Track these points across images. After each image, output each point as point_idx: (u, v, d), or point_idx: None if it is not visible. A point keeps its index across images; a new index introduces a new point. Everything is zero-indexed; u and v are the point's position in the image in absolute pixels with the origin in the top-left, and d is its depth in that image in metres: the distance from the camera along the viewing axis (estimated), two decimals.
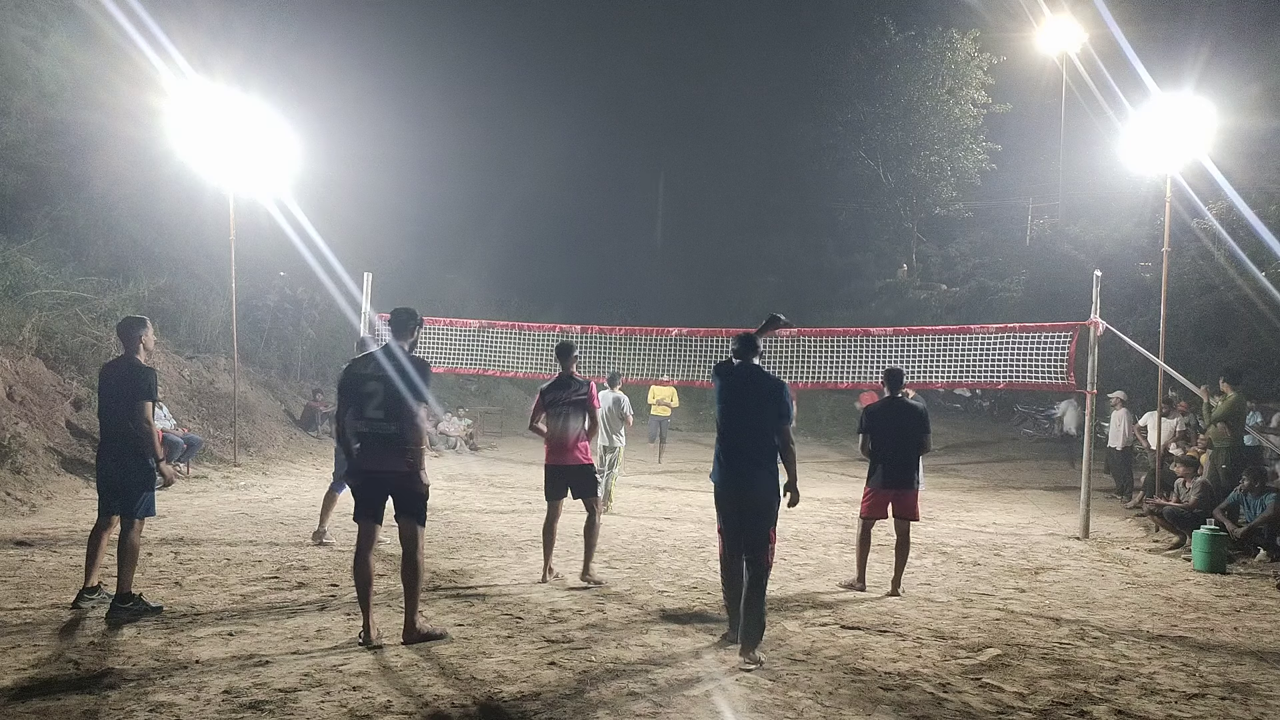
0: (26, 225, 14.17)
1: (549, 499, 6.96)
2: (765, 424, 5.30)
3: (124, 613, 5.40)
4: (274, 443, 14.59)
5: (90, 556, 5.73)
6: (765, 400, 5.34)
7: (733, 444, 5.37)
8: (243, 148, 12.89)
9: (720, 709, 4.27)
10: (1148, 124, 10.88)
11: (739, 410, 5.40)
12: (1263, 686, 4.90)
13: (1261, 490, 8.83)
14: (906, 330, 11.46)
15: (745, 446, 5.33)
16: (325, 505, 8.20)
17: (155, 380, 5.78)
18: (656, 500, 12.00)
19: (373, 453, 5.10)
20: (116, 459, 5.64)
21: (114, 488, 5.67)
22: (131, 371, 5.69)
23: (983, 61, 31.97)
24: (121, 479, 5.62)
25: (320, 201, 18.29)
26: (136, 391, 5.62)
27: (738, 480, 5.31)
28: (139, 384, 5.64)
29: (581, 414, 6.90)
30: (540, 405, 7.01)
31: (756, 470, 5.25)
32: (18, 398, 10.94)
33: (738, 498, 5.31)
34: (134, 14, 13.60)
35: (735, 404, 5.42)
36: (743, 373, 5.50)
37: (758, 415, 5.34)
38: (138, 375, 5.67)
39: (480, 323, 12.62)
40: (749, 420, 5.36)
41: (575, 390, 6.90)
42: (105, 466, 5.70)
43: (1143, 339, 12.24)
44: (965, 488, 14.34)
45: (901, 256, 36.11)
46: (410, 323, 5.39)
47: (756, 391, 5.39)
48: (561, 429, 6.87)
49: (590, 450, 7.06)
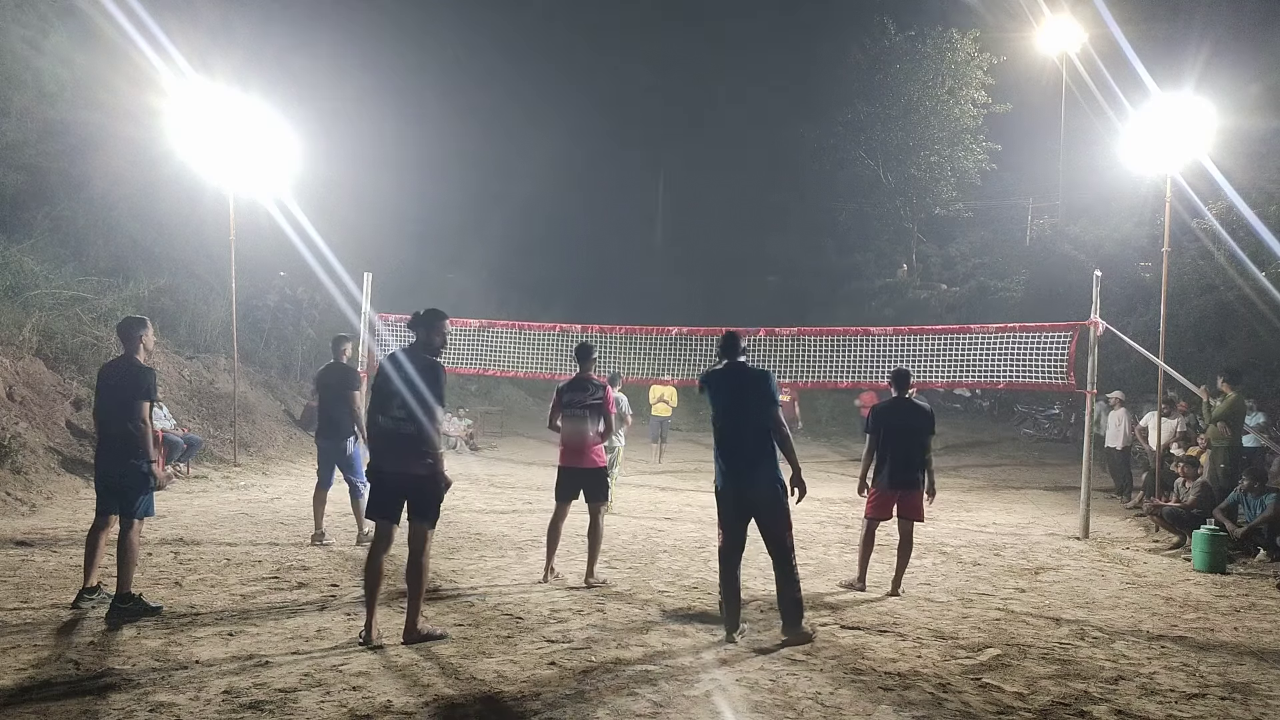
0: (26, 225, 14.17)
1: (559, 500, 6.96)
2: (757, 417, 5.36)
3: (124, 613, 5.40)
4: (274, 443, 14.59)
5: (89, 556, 5.72)
6: (751, 391, 5.41)
7: (730, 445, 5.43)
8: (243, 148, 12.89)
9: (720, 709, 4.27)
10: (1148, 124, 10.88)
11: (732, 409, 5.45)
12: (1263, 686, 4.90)
13: (1261, 490, 8.83)
14: (907, 330, 11.46)
15: (743, 445, 5.39)
16: (316, 506, 8.18)
17: (155, 381, 5.79)
18: (657, 500, 12.00)
19: (392, 453, 5.13)
20: (115, 459, 5.63)
21: (112, 488, 5.67)
22: (131, 371, 5.70)
23: (983, 61, 31.95)
24: (120, 479, 5.62)
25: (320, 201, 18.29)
26: (136, 391, 5.62)
27: (738, 480, 5.38)
28: (139, 384, 5.65)
29: (597, 417, 6.90)
30: (558, 405, 7.02)
31: (756, 468, 5.32)
32: (18, 398, 10.94)
33: (739, 497, 5.38)
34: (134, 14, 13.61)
35: (727, 404, 5.47)
36: (729, 373, 5.56)
37: (749, 411, 5.40)
38: (138, 375, 5.68)
39: (480, 322, 12.62)
40: (743, 418, 5.41)
41: (592, 394, 6.90)
42: (104, 466, 5.71)
43: (1143, 339, 12.24)
44: (965, 488, 14.34)
45: (901, 256, 36.11)
46: (436, 323, 5.33)
47: (743, 386, 5.46)
48: (577, 431, 6.89)
49: (605, 451, 7.08)
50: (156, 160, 14.90)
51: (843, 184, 35.83)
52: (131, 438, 5.59)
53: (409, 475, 5.11)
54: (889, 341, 11.09)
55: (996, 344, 10.50)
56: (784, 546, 5.32)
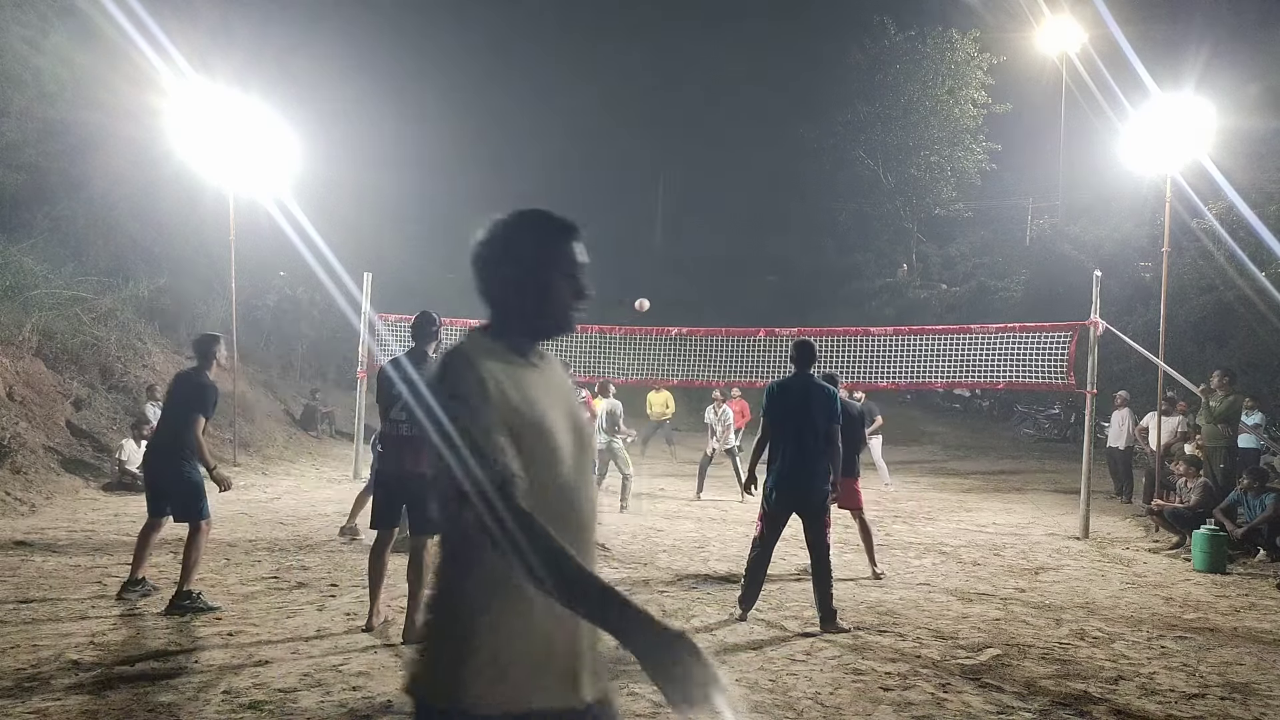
0: (26, 225, 14.16)
1: None
2: (822, 431, 5.79)
3: (181, 608, 5.55)
4: (274, 443, 14.59)
5: (138, 552, 5.94)
6: (819, 405, 5.83)
7: (793, 451, 5.77)
8: (243, 148, 12.88)
9: (720, 709, 4.26)
10: (1148, 124, 10.86)
11: (798, 418, 5.81)
12: (1263, 686, 4.90)
13: (1261, 490, 8.82)
14: (907, 330, 11.47)
15: (805, 453, 5.76)
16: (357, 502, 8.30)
17: (216, 398, 5.96)
18: (657, 500, 11.99)
19: (395, 455, 5.18)
20: (168, 464, 5.81)
21: (164, 492, 5.89)
22: (198, 385, 5.86)
23: (983, 61, 31.94)
24: (173, 484, 5.81)
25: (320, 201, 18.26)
26: (198, 405, 5.80)
27: (794, 485, 5.76)
28: (203, 399, 5.82)
29: None
30: None
31: (814, 477, 5.75)
32: (18, 398, 10.94)
33: (792, 501, 5.78)
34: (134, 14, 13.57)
35: (795, 412, 5.83)
36: (800, 385, 5.94)
37: (816, 423, 5.79)
38: (204, 390, 5.85)
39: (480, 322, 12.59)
40: (810, 429, 5.78)
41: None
42: (155, 470, 5.92)
43: (1143, 339, 12.22)
44: (965, 488, 14.33)
45: (901, 256, 36.09)
46: (430, 326, 5.45)
47: (812, 397, 5.85)
48: None
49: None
50: (156, 160, 14.88)
51: (843, 184, 35.81)
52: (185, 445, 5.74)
53: (413, 476, 5.13)
54: (889, 341, 11.09)
55: (996, 344, 10.50)
56: (824, 546, 5.73)
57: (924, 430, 22.27)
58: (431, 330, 5.45)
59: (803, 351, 6.01)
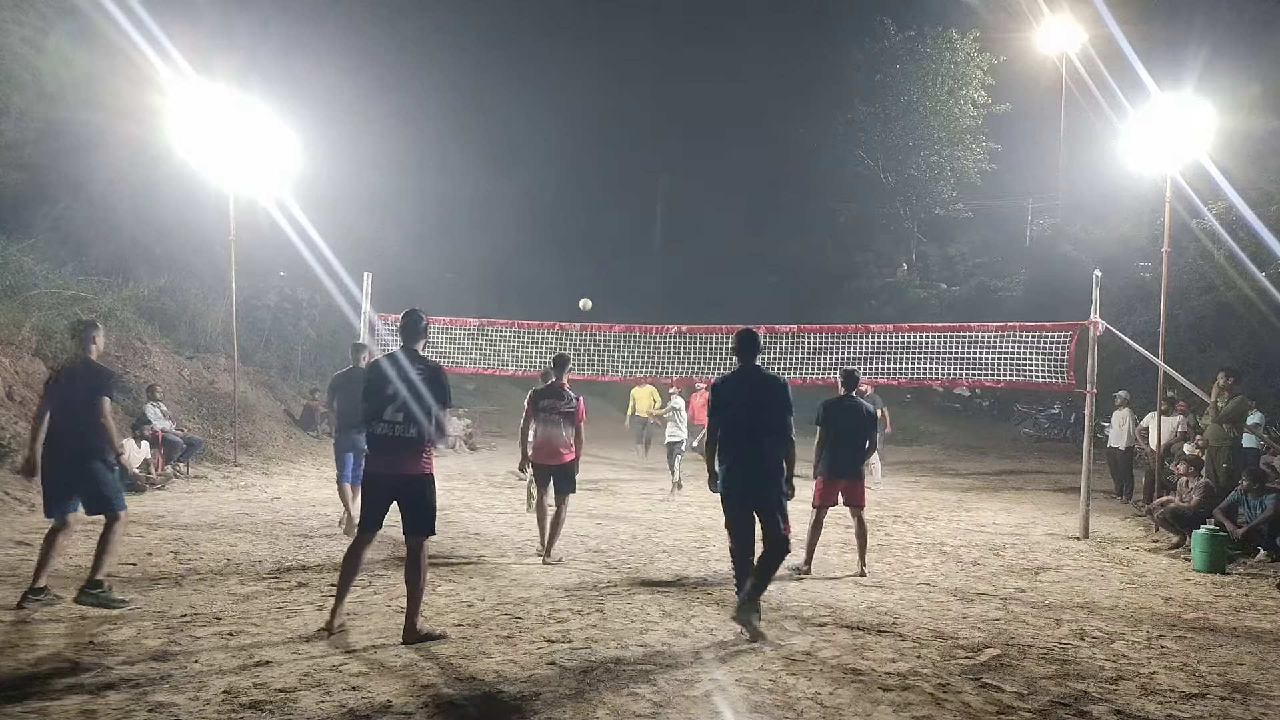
0: (26, 225, 14.17)
1: (539, 486, 7.76)
2: (775, 424, 5.48)
3: (92, 598, 5.52)
4: (274, 443, 14.59)
5: (43, 558, 5.67)
6: (771, 396, 5.50)
7: (744, 449, 5.49)
8: (243, 148, 12.88)
9: (720, 709, 4.27)
10: (1148, 124, 10.86)
11: (749, 413, 5.49)
12: (1263, 686, 4.90)
13: (1261, 490, 8.82)
14: (907, 328, 11.45)
15: (758, 450, 5.48)
16: (345, 496, 8.40)
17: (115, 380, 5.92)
18: (657, 500, 11.99)
19: (387, 456, 5.15)
20: (73, 457, 5.61)
21: (68, 488, 5.66)
22: (97, 370, 5.76)
23: (983, 61, 31.92)
24: (81, 477, 5.64)
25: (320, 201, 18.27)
26: (106, 388, 5.70)
27: (747, 485, 5.49)
28: (108, 381, 5.75)
29: (570, 424, 7.61)
30: (533, 410, 7.65)
31: (767, 474, 5.46)
32: (17, 398, 10.94)
33: (747, 503, 5.51)
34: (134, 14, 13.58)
35: (745, 407, 5.51)
36: (746, 375, 5.61)
37: (767, 416, 5.47)
38: (105, 374, 5.78)
39: (479, 321, 12.61)
40: (761, 422, 5.48)
41: (567, 402, 7.62)
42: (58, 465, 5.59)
43: (1143, 339, 12.21)
44: (965, 488, 14.33)
45: (901, 256, 36.07)
46: (419, 324, 5.46)
47: (763, 389, 5.53)
48: (553, 435, 7.57)
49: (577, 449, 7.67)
50: (156, 160, 14.88)
51: (843, 184, 35.79)
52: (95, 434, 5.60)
53: (402, 476, 5.14)
54: (889, 339, 11.08)
55: (996, 343, 10.49)
56: (781, 544, 5.44)
57: (924, 430, 22.27)
58: (420, 328, 5.44)
59: (745, 342, 5.58)
